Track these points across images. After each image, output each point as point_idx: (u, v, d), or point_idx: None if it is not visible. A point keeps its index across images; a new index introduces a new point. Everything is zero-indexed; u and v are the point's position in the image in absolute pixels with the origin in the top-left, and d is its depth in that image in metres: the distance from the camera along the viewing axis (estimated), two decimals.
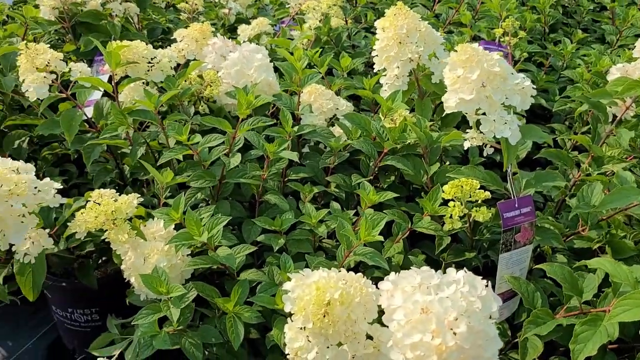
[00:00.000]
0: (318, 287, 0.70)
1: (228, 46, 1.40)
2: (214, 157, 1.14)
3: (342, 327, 0.70)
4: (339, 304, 0.69)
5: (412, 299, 0.69)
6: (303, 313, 0.70)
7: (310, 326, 0.70)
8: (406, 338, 0.67)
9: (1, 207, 0.94)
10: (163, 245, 1.06)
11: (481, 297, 0.72)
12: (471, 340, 0.67)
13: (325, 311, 0.70)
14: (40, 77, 1.19)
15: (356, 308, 0.71)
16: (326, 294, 0.70)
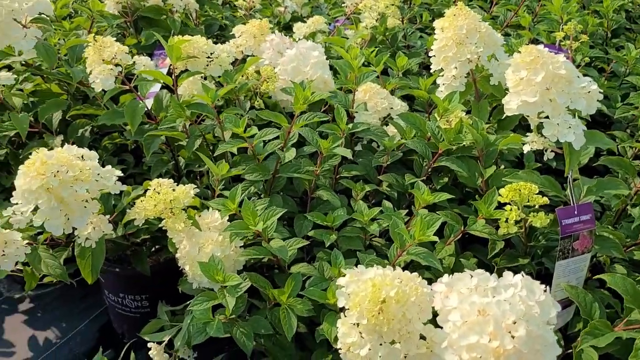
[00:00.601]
0: (374, 284, 0.70)
1: (285, 43, 1.42)
2: (269, 151, 1.15)
3: (396, 326, 0.69)
4: (395, 302, 0.69)
5: (468, 300, 0.68)
6: (358, 309, 0.70)
7: (365, 322, 0.70)
8: (462, 339, 0.67)
9: (66, 192, 0.98)
10: (217, 236, 1.08)
11: (539, 302, 0.71)
12: (529, 344, 0.65)
13: (380, 308, 0.70)
14: (107, 69, 1.23)
15: (411, 307, 0.71)
16: (382, 291, 0.70)
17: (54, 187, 0.96)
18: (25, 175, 0.97)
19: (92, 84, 1.26)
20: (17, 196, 1.00)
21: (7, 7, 1.31)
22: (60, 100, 1.41)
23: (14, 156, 1.54)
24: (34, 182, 0.95)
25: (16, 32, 1.33)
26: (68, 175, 0.98)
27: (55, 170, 0.96)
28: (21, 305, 1.92)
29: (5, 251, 1.04)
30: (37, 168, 0.96)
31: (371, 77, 1.28)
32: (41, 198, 0.96)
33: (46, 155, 0.98)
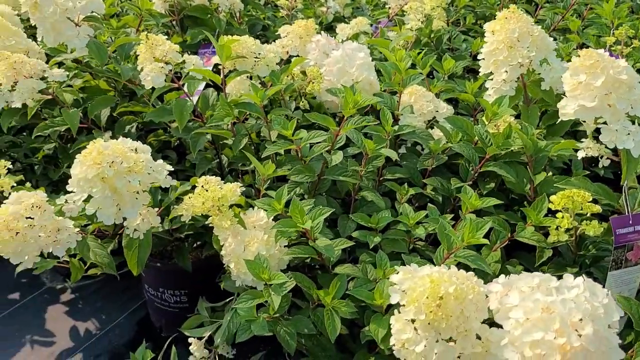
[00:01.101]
0: (432, 280, 0.70)
1: (331, 44, 1.42)
2: (316, 153, 1.15)
3: (454, 323, 0.69)
4: (454, 298, 0.69)
5: (532, 297, 0.67)
6: (415, 304, 0.70)
7: (422, 318, 0.69)
8: (525, 335, 0.66)
9: (120, 182, 1.00)
10: (263, 235, 1.09)
11: (603, 305, 0.69)
12: (596, 344, 0.64)
13: (438, 304, 0.69)
14: (158, 67, 1.25)
15: (469, 305, 0.70)
16: (441, 287, 0.69)
17: (108, 177, 0.98)
18: (81, 164, 0.99)
19: (143, 81, 1.29)
20: (72, 184, 1.02)
21: (61, 5, 1.34)
22: (108, 97, 1.44)
23: (62, 150, 1.58)
24: (90, 171, 0.98)
25: (70, 30, 1.37)
26: (122, 166, 1.00)
27: (111, 160, 0.99)
28: (63, 296, 1.97)
29: (57, 237, 1.07)
30: (94, 157, 0.98)
31: (417, 79, 1.28)
32: (95, 187, 0.99)
33: (102, 145, 1.00)
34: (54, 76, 1.34)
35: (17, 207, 1.03)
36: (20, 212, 1.03)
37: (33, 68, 1.30)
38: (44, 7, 1.33)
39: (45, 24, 1.35)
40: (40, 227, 1.04)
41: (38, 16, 1.35)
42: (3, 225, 1.00)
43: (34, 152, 1.73)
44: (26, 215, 1.03)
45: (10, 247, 1.02)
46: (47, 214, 1.05)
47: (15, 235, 1.01)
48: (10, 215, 1.01)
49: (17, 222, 1.01)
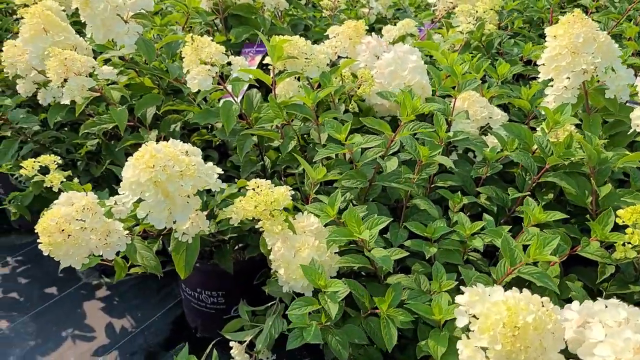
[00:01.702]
0: (509, 308, 0.66)
1: (382, 46, 1.39)
2: (369, 158, 1.12)
3: (532, 354, 0.65)
4: (532, 328, 0.65)
5: (621, 335, 0.62)
6: (490, 333, 0.66)
7: (498, 348, 0.65)
8: None
9: (172, 187, 0.98)
10: (314, 240, 1.06)
11: None
12: None
13: (515, 334, 0.65)
14: (204, 69, 1.23)
15: (547, 335, 0.66)
16: (519, 316, 0.65)
17: (161, 181, 0.96)
18: (134, 167, 0.98)
19: (189, 84, 1.27)
20: (124, 187, 1.01)
21: (112, 2, 1.34)
22: (155, 96, 1.43)
23: (106, 147, 1.57)
24: (143, 175, 0.96)
25: (120, 27, 1.36)
26: (175, 169, 0.98)
27: (163, 164, 0.97)
28: (98, 292, 1.97)
29: (107, 240, 1.05)
30: (146, 161, 0.96)
31: (473, 84, 1.23)
32: (148, 191, 0.97)
33: (155, 148, 0.98)
34: (103, 74, 1.33)
35: (68, 209, 1.02)
36: (71, 214, 1.02)
37: (83, 65, 1.29)
38: (94, 3, 1.32)
39: (96, 21, 1.35)
40: (91, 229, 1.03)
41: (89, 13, 1.35)
42: (55, 227, 0.99)
43: (77, 148, 1.73)
44: (77, 217, 1.02)
45: (61, 250, 1.01)
46: (97, 216, 1.04)
47: (67, 237, 1.00)
48: (62, 217, 1.00)
49: (68, 225, 1.00)
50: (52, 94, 1.48)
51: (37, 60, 1.42)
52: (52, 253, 1.02)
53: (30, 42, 1.41)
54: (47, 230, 0.99)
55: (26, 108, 1.62)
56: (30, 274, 2.07)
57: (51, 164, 1.24)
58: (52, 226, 1.00)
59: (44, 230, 0.99)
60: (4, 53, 1.49)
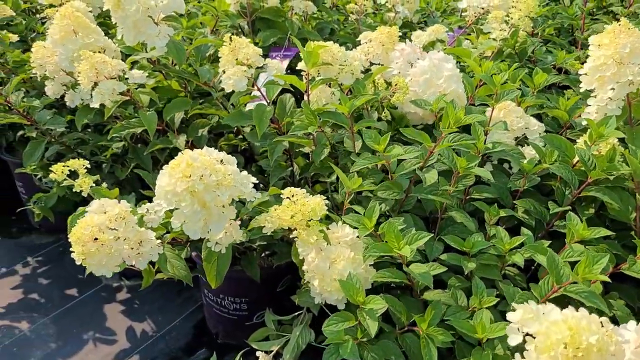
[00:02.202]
0: (571, 328, 0.63)
1: (416, 53, 1.36)
2: (406, 169, 1.10)
3: None
4: (596, 350, 0.62)
5: None
6: (550, 354, 0.63)
7: None
8: None
9: (209, 197, 0.96)
10: (349, 252, 1.04)
11: None
12: None
13: (577, 356, 0.62)
14: (240, 70, 1.22)
15: (609, 357, 0.63)
16: (582, 336, 0.62)
17: (198, 191, 0.94)
18: (170, 176, 0.96)
19: (223, 84, 1.25)
20: (160, 196, 0.99)
21: (144, 4, 1.32)
22: (185, 100, 1.42)
23: (133, 150, 1.56)
24: (180, 185, 0.94)
25: (151, 29, 1.34)
26: (211, 179, 0.96)
27: (200, 173, 0.95)
28: (118, 295, 1.96)
29: (140, 250, 1.04)
30: (183, 170, 0.95)
31: (512, 95, 1.20)
32: (184, 201, 0.95)
33: (191, 157, 0.96)
34: (133, 78, 1.31)
35: (102, 217, 1.01)
36: (105, 223, 1.00)
37: (114, 69, 1.28)
38: (127, 5, 1.31)
39: (127, 22, 1.33)
40: (125, 239, 1.01)
41: (120, 14, 1.33)
42: (89, 236, 0.98)
43: (101, 150, 1.72)
44: (111, 226, 1.01)
45: (94, 259, 0.99)
46: (130, 225, 1.03)
47: (100, 247, 0.98)
48: (96, 227, 0.99)
49: (102, 234, 0.99)
50: (80, 96, 1.47)
51: (66, 62, 1.41)
52: (85, 262, 1.01)
53: (60, 43, 1.40)
54: (80, 239, 0.98)
55: (52, 109, 1.61)
56: (50, 275, 2.06)
57: (80, 169, 1.23)
58: (86, 235, 0.98)
59: (78, 239, 0.98)
60: (33, 54, 1.48)
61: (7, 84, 1.48)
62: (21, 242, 2.26)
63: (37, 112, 1.53)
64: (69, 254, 1.01)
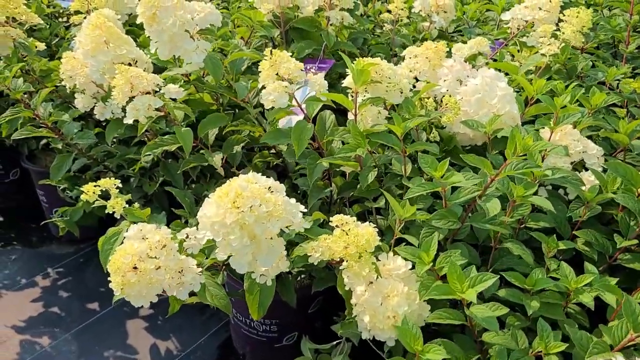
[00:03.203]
0: None
1: (465, 69, 1.29)
2: (463, 197, 1.03)
3: None
4: None
5: None
6: None
7: None
8: None
9: (259, 229, 0.90)
10: (402, 287, 0.98)
11: None
12: None
13: None
14: (281, 86, 1.15)
15: None
16: None
17: (248, 223, 0.88)
18: (218, 206, 0.90)
19: (263, 100, 1.19)
20: (205, 226, 0.93)
21: (180, 18, 1.26)
22: (221, 116, 1.35)
23: (164, 166, 1.50)
24: (229, 216, 0.88)
25: (188, 44, 1.28)
26: (262, 210, 0.89)
27: (250, 204, 0.88)
28: (141, 311, 1.90)
29: (181, 279, 0.98)
30: (232, 199, 0.88)
31: (574, 117, 1.13)
32: (234, 234, 0.89)
33: (240, 186, 0.90)
34: (170, 93, 1.25)
35: (142, 246, 0.95)
36: (145, 251, 0.94)
37: (149, 84, 1.22)
38: (162, 19, 1.25)
39: (163, 37, 1.27)
40: (166, 268, 0.95)
41: (155, 28, 1.27)
42: (129, 265, 0.92)
43: (128, 163, 1.66)
44: (152, 255, 0.95)
45: (134, 290, 0.94)
46: (172, 253, 0.97)
47: (141, 277, 0.92)
48: (136, 255, 0.93)
49: (142, 263, 0.93)
50: (110, 109, 1.41)
51: (97, 74, 1.35)
52: (124, 293, 0.95)
53: (92, 55, 1.34)
54: (120, 269, 0.92)
55: (80, 121, 1.55)
56: (71, 287, 2.01)
57: (112, 189, 1.16)
58: (126, 265, 0.92)
59: (118, 269, 0.92)
60: (63, 65, 1.43)
61: (35, 95, 1.42)
62: (41, 252, 2.21)
63: (66, 125, 1.47)
64: (89, 265, 0.96)
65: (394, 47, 1.89)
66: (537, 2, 1.67)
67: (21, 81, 1.41)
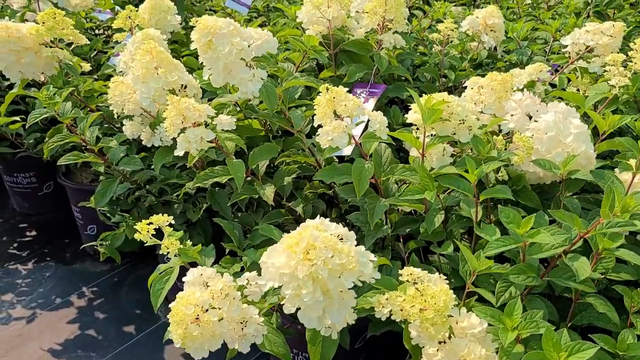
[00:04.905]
0: None
1: (535, 104, 1.22)
2: (544, 254, 0.95)
3: None
4: None
5: None
6: None
7: None
8: None
9: (332, 284, 0.84)
10: (480, 349, 0.91)
11: None
12: None
13: None
14: (341, 126, 1.09)
15: None
16: None
17: (321, 277, 0.82)
18: (287, 256, 0.84)
19: (320, 139, 1.12)
20: (271, 276, 0.87)
21: (237, 45, 1.21)
22: (272, 147, 1.30)
23: (211, 195, 1.45)
24: (301, 269, 0.82)
25: (244, 72, 1.23)
26: (335, 262, 0.84)
27: (324, 256, 0.83)
28: None
29: (244, 331, 0.92)
30: (304, 251, 0.83)
31: None
32: (306, 288, 0.83)
33: (312, 236, 0.84)
34: (222, 124, 1.20)
35: (205, 295, 0.89)
36: (208, 301, 0.89)
37: (202, 115, 1.17)
38: (218, 46, 1.20)
39: (218, 65, 1.22)
40: (229, 319, 0.90)
41: (210, 55, 1.22)
42: (191, 317, 0.87)
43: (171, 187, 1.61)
44: (214, 304, 0.89)
45: (196, 342, 0.88)
46: (235, 302, 0.91)
47: (203, 329, 0.87)
48: (199, 306, 0.88)
49: (205, 314, 0.87)
50: (159, 137, 1.37)
51: (148, 101, 1.31)
52: (185, 345, 0.90)
53: (142, 81, 1.29)
54: (183, 321, 0.87)
55: (125, 144, 1.51)
56: (106, 308, 1.97)
57: (165, 227, 1.11)
58: (189, 316, 0.87)
59: (181, 321, 0.87)
60: (111, 90, 1.39)
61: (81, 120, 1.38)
62: (75, 270, 2.18)
63: (111, 150, 1.43)
64: (124, 284, 0.91)
65: (443, 69, 1.82)
66: (600, 26, 1.59)
67: (69, 105, 1.37)
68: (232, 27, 1.21)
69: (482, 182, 1.14)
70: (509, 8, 2.57)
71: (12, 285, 2.08)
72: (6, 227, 2.48)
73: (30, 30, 1.53)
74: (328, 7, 1.55)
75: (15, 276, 2.14)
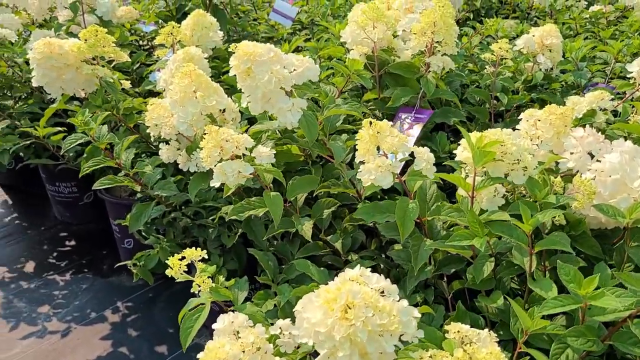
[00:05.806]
0: None
1: (599, 142, 1.12)
2: (607, 317, 0.86)
3: None
4: None
5: None
6: None
7: None
8: None
9: (372, 347, 0.77)
10: None
11: None
12: None
13: None
14: (386, 165, 1.02)
15: None
16: None
17: (360, 340, 0.76)
18: (324, 313, 0.77)
19: (362, 176, 1.05)
20: (306, 332, 0.80)
21: (277, 74, 1.15)
22: (311, 179, 1.24)
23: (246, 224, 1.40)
24: (338, 329, 0.76)
25: (283, 102, 1.17)
26: (375, 322, 0.77)
27: (364, 315, 0.76)
28: None
29: None
30: (342, 309, 0.76)
31: None
32: (342, 350, 0.76)
33: (352, 292, 0.77)
34: (261, 157, 1.15)
35: (235, 349, 0.84)
36: (239, 356, 0.83)
37: (240, 147, 1.12)
38: (258, 74, 1.14)
39: (257, 93, 1.17)
40: None
41: (249, 83, 1.17)
42: None
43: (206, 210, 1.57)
44: (245, 359, 0.84)
45: None
46: (267, 357, 0.85)
47: None
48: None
49: None
50: (195, 162, 1.33)
51: (185, 126, 1.27)
52: None
53: (180, 105, 1.26)
54: None
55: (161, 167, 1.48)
56: (139, 325, 1.95)
57: (199, 264, 1.07)
58: None
59: None
60: (149, 113, 1.36)
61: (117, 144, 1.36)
62: (111, 283, 2.18)
63: (147, 174, 1.40)
64: (158, 301, 0.87)
65: (495, 91, 1.72)
66: None
67: (105, 129, 1.35)
68: (272, 54, 1.15)
69: (538, 228, 1.05)
70: (565, 23, 2.44)
71: (50, 297, 2.10)
72: (47, 235, 2.51)
73: (72, 47, 1.53)
74: (374, 27, 1.48)
75: (52, 287, 2.15)
